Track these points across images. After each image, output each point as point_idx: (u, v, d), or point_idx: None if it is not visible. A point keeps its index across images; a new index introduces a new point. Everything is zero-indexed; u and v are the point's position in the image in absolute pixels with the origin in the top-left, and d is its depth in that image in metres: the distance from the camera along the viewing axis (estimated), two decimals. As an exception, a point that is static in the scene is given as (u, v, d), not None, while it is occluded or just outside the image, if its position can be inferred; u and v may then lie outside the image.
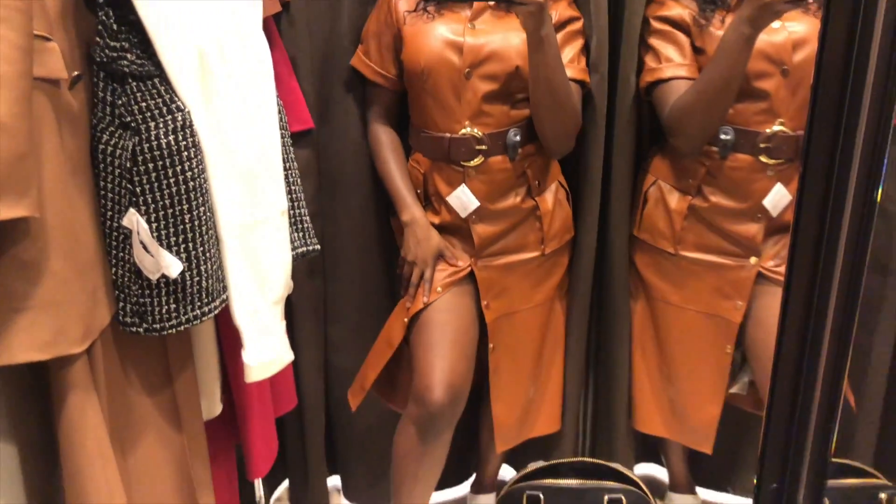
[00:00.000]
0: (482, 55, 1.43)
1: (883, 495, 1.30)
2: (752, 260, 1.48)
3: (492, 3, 1.44)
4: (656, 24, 1.48)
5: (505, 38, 1.44)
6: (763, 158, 1.43)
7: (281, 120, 1.27)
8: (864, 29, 0.79)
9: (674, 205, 1.52)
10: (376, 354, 1.58)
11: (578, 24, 1.51)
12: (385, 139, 1.60)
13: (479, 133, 1.46)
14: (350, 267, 1.72)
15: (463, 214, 1.50)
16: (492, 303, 1.55)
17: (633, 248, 1.63)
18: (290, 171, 1.29)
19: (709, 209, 1.49)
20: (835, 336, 0.86)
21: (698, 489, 1.84)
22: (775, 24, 1.38)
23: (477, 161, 1.47)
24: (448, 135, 1.47)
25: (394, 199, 1.58)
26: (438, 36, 1.44)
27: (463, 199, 1.50)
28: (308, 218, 1.34)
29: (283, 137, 1.27)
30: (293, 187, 1.30)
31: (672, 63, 1.45)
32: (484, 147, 1.46)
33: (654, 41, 1.48)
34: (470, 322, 1.53)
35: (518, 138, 1.47)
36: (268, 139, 1.21)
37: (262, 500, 1.92)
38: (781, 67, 1.39)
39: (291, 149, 1.31)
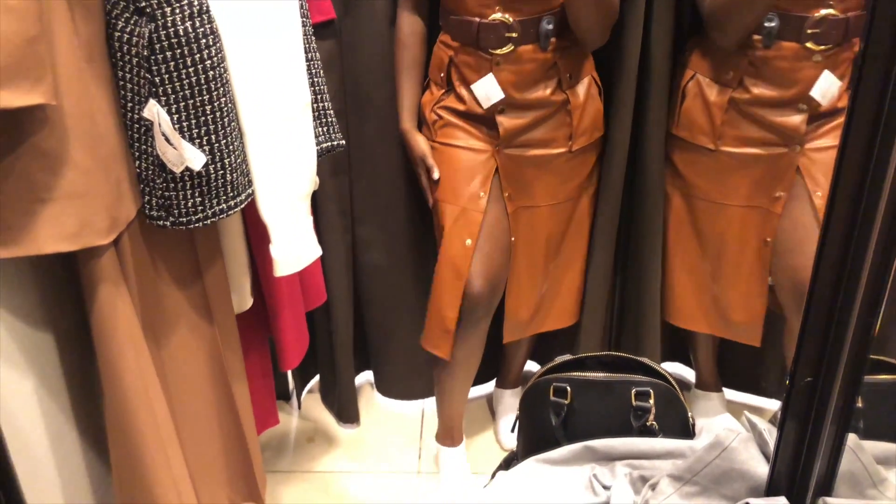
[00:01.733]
0: None
1: (916, 391, 1.28)
2: (797, 149, 1.43)
3: None
4: None
5: None
6: (810, 45, 1.34)
7: (302, 7, 1.22)
8: None
9: (713, 98, 1.45)
10: (448, 291, 1.50)
11: None
12: (406, 30, 1.54)
13: (510, 19, 1.39)
14: (375, 165, 1.70)
15: (485, 105, 1.45)
16: (514, 194, 1.52)
17: (670, 147, 1.57)
18: (312, 63, 1.25)
19: (750, 101, 1.42)
20: (885, 227, 0.83)
21: (724, 389, 1.86)
22: None
23: (507, 49, 1.41)
24: (478, 19, 1.40)
25: (397, 89, 1.57)
26: None
27: (488, 89, 1.44)
28: (332, 112, 1.31)
29: (304, 26, 1.22)
30: (316, 79, 1.27)
31: None
32: (514, 34, 1.40)
33: None
34: (503, 213, 1.52)
35: (551, 27, 1.40)
36: (288, 27, 1.16)
37: (295, 392, 1.98)
38: None
39: (313, 38, 1.26)
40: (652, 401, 1.24)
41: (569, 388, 1.29)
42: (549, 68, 1.44)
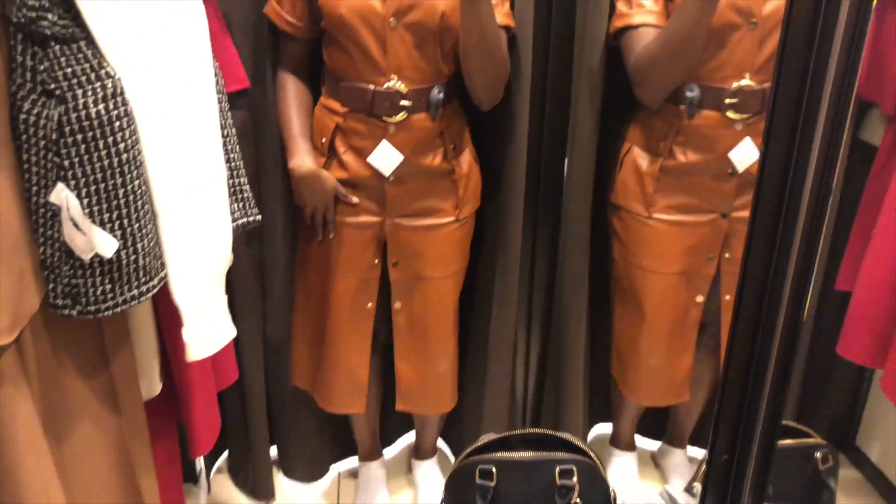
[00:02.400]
0: (407, 2, 1.36)
1: (818, 454, 1.36)
2: (726, 215, 1.51)
3: None
4: None
5: None
6: (730, 114, 1.43)
7: (218, 84, 1.19)
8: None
9: (646, 167, 1.52)
10: (356, 352, 1.58)
11: None
12: (291, 86, 1.53)
13: (405, 88, 1.41)
14: (289, 232, 1.67)
15: (386, 173, 1.46)
16: (402, 262, 1.53)
17: (611, 215, 1.63)
18: (228, 139, 1.22)
19: (680, 168, 1.50)
20: (792, 303, 0.88)
21: (642, 438, 1.91)
22: None
23: (400, 117, 1.42)
24: (372, 87, 1.41)
25: (287, 141, 1.51)
26: None
27: (387, 157, 1.45)
28: (248, 187, 1.28)
29: (220, 102, 1.19)
30: (231, 154, 1.24)
31: (643, 9, 1.42)
32: (408, 103, 1.41)
33: None
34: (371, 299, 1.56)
35: (441, 96, 1.43)
36: (204, 105, 1.14)
37: (203, 473, 1.88)
38: (750, 20, 1.39)
39: (229, 114, 1.24)
40: (576, 478, 1.26)
41: (494, 470, 1.29)
42: (437, 136, 1.47)
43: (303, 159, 1.48)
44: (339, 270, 1.54)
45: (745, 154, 1.47)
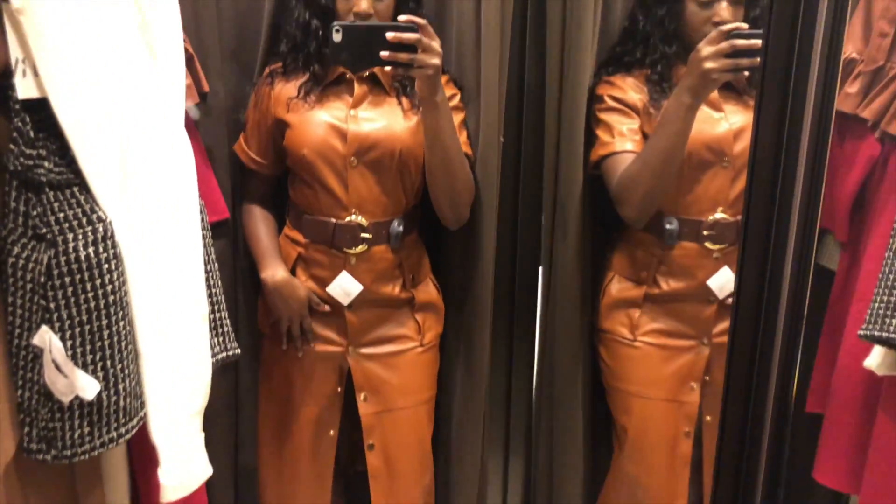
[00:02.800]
0: (367, 143, 1.42)
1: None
2: (705, 341, 1.55)
3: (381, 81, 1.46)
4: (610, 102, 1.51)
5: (389, 124, 1.44)
6: (708, 244, 1.49)
7: (202, 220, 1.22)
8: (794, 116, 0.87)
9: (631, 295, 1.56)
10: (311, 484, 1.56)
11: (457, 100, 1.52)
12: (257, 212, 1.57)
13: (365, 221, 1.45)
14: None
15: (345, 302, 1.48)
16: (370, 395, 1.52)
17: (597, 341, 1.65)
18: (210, 273, 1.24)
19: (663, 296, 1.54)
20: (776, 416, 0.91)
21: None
22: (716, 115, 1.46)
23: (361, 248, 1.46)
24: (333, 220, 1.45)
25: (258, 256, 1.53)
26: (321, 123, 1.43)
27: (346, 286, 1.47)
28: (228, 321, 1.29)
29: (204, 238, 1.22)
30: (214, 290, 1.25)
31: (624, 137, 1.48)
32: (369, 235, 1.45)
33: (608, 116, 1.51)
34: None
35: (401, 228, 1.47)
36: (189, 241, 1.16)
37: None
38: (723, 158, 1.47)
39: (212, 249, 1.26)
40: None
41: None
42: (397, 267, 1.50)
43: (275, 269, 1.50)
44: (302, 399, 1.53)
45: (723, 281, 1.52)
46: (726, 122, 1.47)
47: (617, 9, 1.59)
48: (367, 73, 1.45)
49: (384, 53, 1.24)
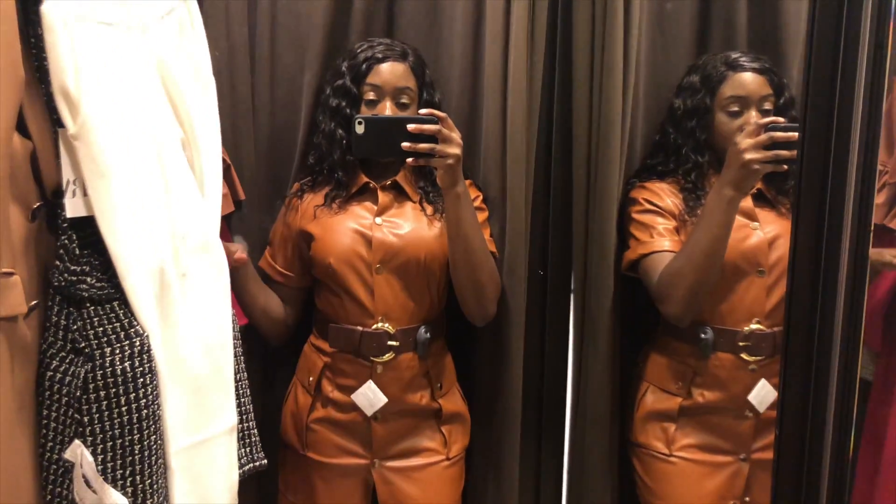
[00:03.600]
0: (392, 249, 1.44)
1: None
2: (744, 456, 1.50)
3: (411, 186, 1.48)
4: (646, 205, 1.52)
5: (413, 230, 1.46)
6: (744, 356, 1.47)
7: (234, 329, 1.24)
8: (831, 232, 0.87)
9: (666, 407, 1.53)
10: None
11: (479, 201, 1.54)
12: (274, 301, 1.55)
13: (392, 329, 1.45)
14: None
15: (369, 412, 1.46)
16: None
17: (631, 454, 1.61)
18: (240, 384, 1.24)
19: (698, 408, 1.51)
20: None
21: None
22: (751, 225, 1.46)
23: (388, 357, 1.45)
24: (360, 328, 1.45)
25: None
26: (346, 231, 1.45)
27: (370, 396, 1.46)
28: (255, 431, 1.28)
29: (235, 348, 1.23)
30: (242, 399, 1.25)
31: (664, 237, 1.48)
32: (396, 343, 1.45)
33: (644, 217, 1.52)
34: None
35: (428, 336, 1.47)
36: (222, 352, 1.17)
37: None
38: (757, 269, 1.46)
39: (242, 358, 1.27)
40: None
41: None
42: (424, 375, 1.49)
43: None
44: None
45: (763, 395, 1.49)
46: (761, 232, 1.48)
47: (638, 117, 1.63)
48: (390, 182, 1.49)
49: (406, 144, 1.28)
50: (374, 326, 1.45)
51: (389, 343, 1.45)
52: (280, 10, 1.58)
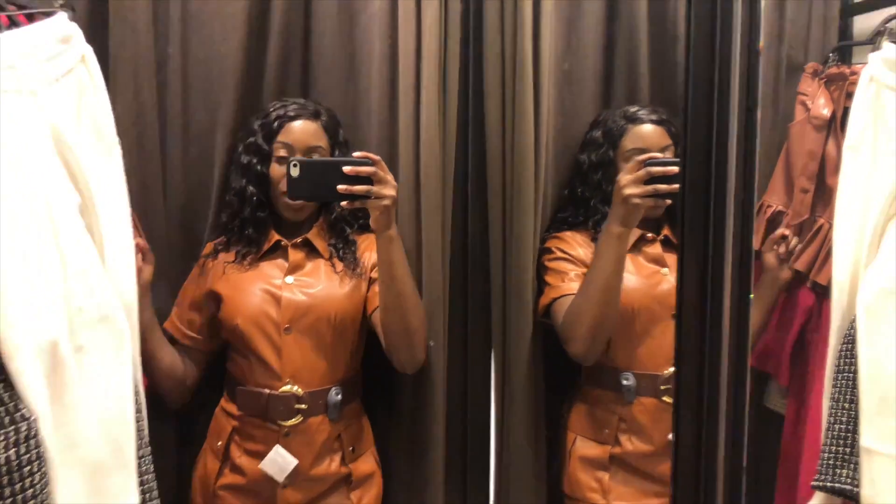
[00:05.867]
0: (302, 309, 1.42)
1: None
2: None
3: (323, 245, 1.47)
4: (559, 253, 1.55)
5: (324, 288, 1.44)
6: (666, 399, 1.49)
7: (138, 401, 1.18)
8: (715, 268, 0.93)
9: (596, 455, 1.53)
10: None
11: None
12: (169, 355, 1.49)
13: (300, 391, 1.42)
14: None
15: (279, 479, 1.42)
16: None
17: None
18: (143, 459, 1.18)
19: (629, 455, 1.52)
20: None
21: None
22: (662, 271, 1.50)
23: (296, 420, 1.42)
24: (267, 391, 1.42)
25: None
26: (255, 291, 1.43)
27: (279, 462, 1.42)
28: (161, 505, 1.22)
29: (138, 421, 1.17)
30: (146, 476, 1.19)
31: (574, 281, 1.50)
32: (304, 406, 1.42)
33: (556, 264, 1.54)
34: None
35: (339, 397, 1.44)
36: (122, 429, 1.11)
37: None
38: (671, 313, 1.48)
39: (146, 432, 1.21)
40: None
41: None
42: (335, 439, 1.46)
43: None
44: None
45: None
46: (671, 277, 1.52)
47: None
48: (301, 240, 1.47)
49: (341, 187, 1.26)
50: (282, 389, 1.41)
51: (297, 406, 1.41)
52: (191, 68, 1.56)
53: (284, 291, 1.43)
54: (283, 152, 1.44)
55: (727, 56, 0.92)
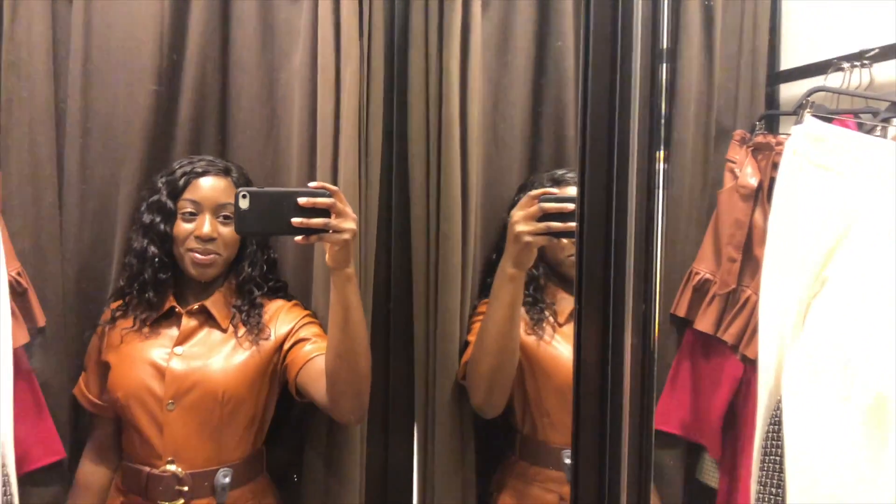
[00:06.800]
0: (187, 384, 1.32)
1: None
2: None
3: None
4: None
5: (212, 362, 1.34)
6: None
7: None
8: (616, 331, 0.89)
9: None
10: None
11: (310, 318, 1.45)
12: (87, 467, 1.42)
13: (182, 472, 1.31)
14: None
15: None
16: None
17: None
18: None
19: None
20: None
21: None
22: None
23: (178, 503, 1.31)
24: (147, 469, 1.32)
25: None
26: (140, 363, 1.34)
27: None
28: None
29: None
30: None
31: None
32: (185, 488, 1.31)
33: (478, 325, 1.47)
34: None
35: (228, 480, 1.33)
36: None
37: None
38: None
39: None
40: None
41: None
42: None
43: None
44: None
45: None
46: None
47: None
48: (198, 306, 1.38)
49: (297, 220, 1.15)
50: (162, 468, 1.31)
51: (178, 488, 1.31)
52: (93, 120, 1.46)
53: (171, 363, 1.33)
54: (189, 208, 1.35)
55: (627, 101, 0.89)
